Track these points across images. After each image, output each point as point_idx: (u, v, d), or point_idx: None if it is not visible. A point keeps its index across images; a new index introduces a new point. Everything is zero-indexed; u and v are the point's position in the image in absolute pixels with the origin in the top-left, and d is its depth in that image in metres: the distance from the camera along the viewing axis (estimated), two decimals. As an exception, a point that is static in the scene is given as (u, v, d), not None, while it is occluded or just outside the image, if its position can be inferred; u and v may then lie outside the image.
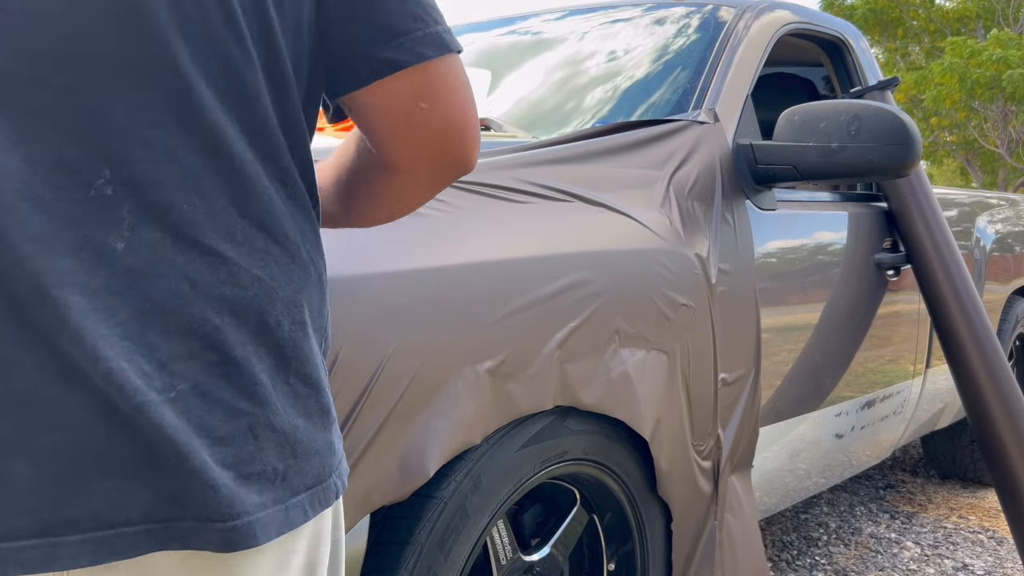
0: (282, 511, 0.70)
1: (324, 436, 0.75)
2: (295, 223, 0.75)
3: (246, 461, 0.69)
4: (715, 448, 1.74)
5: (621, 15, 2.53)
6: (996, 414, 2.40)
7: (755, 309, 1.85)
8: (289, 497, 0.71)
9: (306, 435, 0.73)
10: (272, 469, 0.70)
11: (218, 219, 0.69)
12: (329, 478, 0.75)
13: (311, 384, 0.74)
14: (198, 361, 0.68)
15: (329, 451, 0.75)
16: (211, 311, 0.68)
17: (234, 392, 0.69)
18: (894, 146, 1.91)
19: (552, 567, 1.55)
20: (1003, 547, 3.01)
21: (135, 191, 0.66)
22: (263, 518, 0.69)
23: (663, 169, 1.79)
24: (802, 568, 2.78)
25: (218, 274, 0.68)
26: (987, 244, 3.29)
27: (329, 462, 0.75)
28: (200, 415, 0.67)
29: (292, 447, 0.72)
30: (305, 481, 0.72)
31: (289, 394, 0.72)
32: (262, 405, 0.70)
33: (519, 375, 1.32)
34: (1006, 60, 13.84)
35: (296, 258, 0.74)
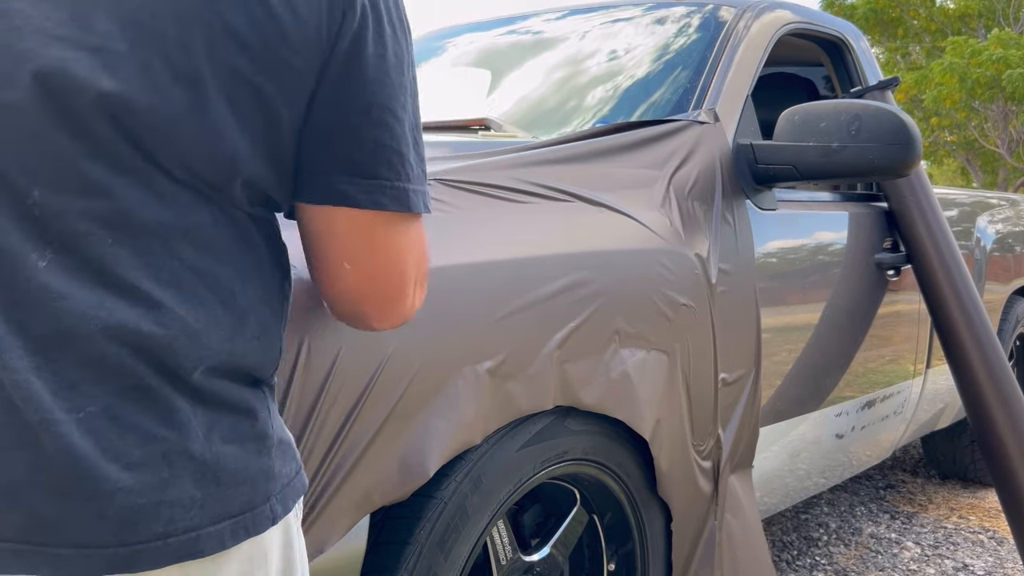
0: (191, 539, 0.69)
1: (258, 462, 0.74)
2: (238, 268, 0.73)
3: (157, 488, 0.68)
4: (715, 448, 1.74)
5: (621, 15, 2.53)
6: (996, 414, 2.40)
7: (755, 309, 1.85)
8: (206, 525, 0.70)
9: (234, 462, 0.72)
10: (188, 497, 0.69)
11: (147, 258, 0.69)
12: (263, 504, 0.74)
13: (241, 411, 0.74)
14: (110, 385, 0.67)
15: (264, 477, 0.74)
16: (125, 345, 0.67)
17: (149, 417, 0.68)
18: (894, 146, 1.91)
19: (552, 567, 1.55)
20: (1003, 547, 3.01)
21: (61, 217, 0.66)
22: (157, 547, 0.68)
23: (663, 169, 1.78)
24: (802, 568, 2.78)
25: (135, 310, 0.68)
26: (987, 244, 3.29)
27: (264, 488, 0.74)
28: (111, 439, 0.66)
29: (214, 475, 0.71)
30: (229, 509, 0.71)
31: (212, 421, 0.71)
32: (179, 431, 0.69)
33: (519, 375, 1.32)
34: (1006, 60, 13.84)
35: (228, 305, 0.73)
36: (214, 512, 0.71)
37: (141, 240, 0.68)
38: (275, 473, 0.76)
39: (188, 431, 0.69)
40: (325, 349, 1.08)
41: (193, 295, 0.71)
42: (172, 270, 0.70)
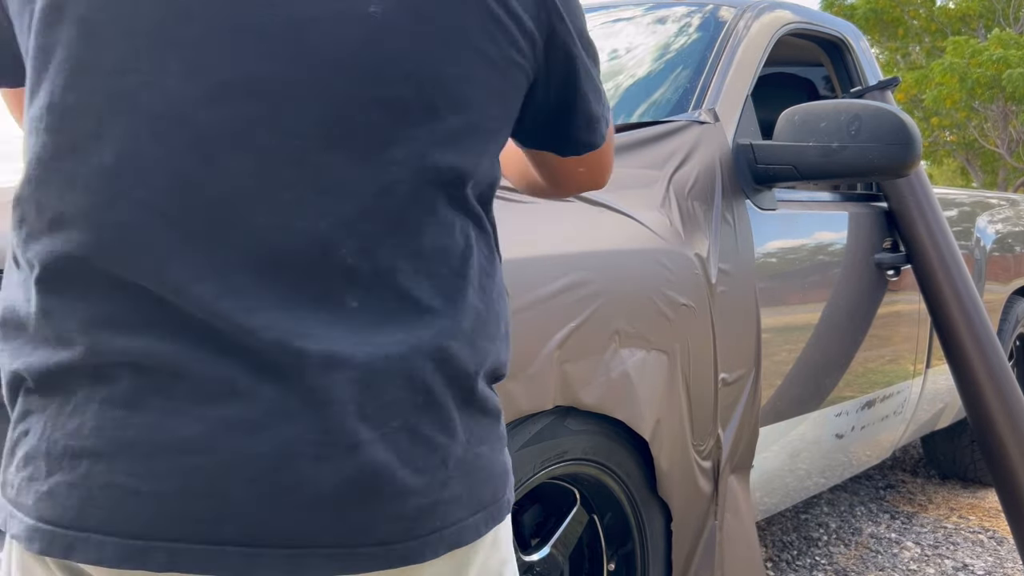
0: (457, 531, 0.79)
1: (500, 459, 0.84)
2: (487, 270, 0.84)
3: (436, 489, 0.77)
4: (715, 448, 1.74)
5: (621, 15, 2.53)
6: (996, 414, 2.40)
7: (755, 309, 1.85)
8: (466, 518, 0.80)
9: (485, 461, 0.82)
10: (456, 495, 0.78)
11: (435, 279, 0.77)
12: (503, 496, 0.85)
13: (492, 413, 0.83)
14: (411, 402, 0.76)
15: (502, 471, 0.85)
16: (428, 362, 0.76)
17: (435, 428, 0.77)
18: (894, 146, 1.91)
19: (552, 567, 1.55)
20: (1003, 547, 3.01)
21: (370, 258, 0.74)
22: (434, 540, 0.77)
23: (663, 169, 1.78)
24: (802, 568, 2.78)
25: (433, 329, 0.77)
26: (987, 244, 3.29)
27: (503, 481, 0.85)
28: (406, 450, 0.75)
29: (473, 473, 0.80)
30: (481, 502, 0.81)
31: (473, 425, 0.81)
32: (452, 437, 0.78)
33: (519, 375, 1.32)
34: (1006, 60, 13.84)
35: (490, 309, 0.83)
36: (471, 506, 0.80)
37: (432, 263, 0.77)
38: (508, 467, 0.86)
39: (457, 436, 0.78)
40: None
41: (468, 305, 0.79)
42: (454, 285, 0.78)
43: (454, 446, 0.78)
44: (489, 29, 0.78)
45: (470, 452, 0.79)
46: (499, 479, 0.84)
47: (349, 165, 0.72)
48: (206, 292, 0.69)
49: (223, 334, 0.70)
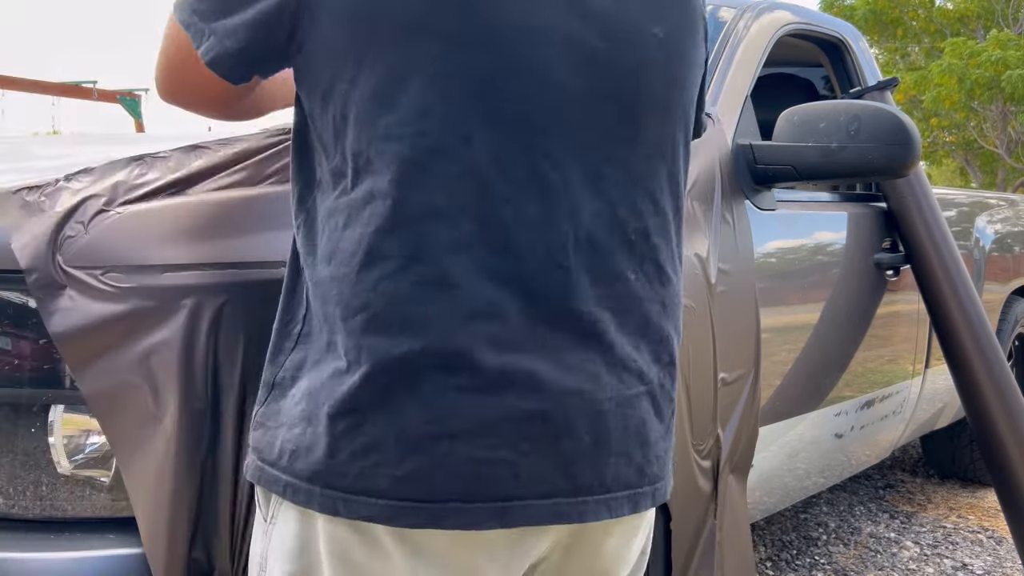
0: (662, 487, 0.93)
1: (667, 444, 0.95)
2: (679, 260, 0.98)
3: (665, 446, 0.93)
4: (715, 448, 1.74)
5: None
6: (995, 414, 2.40)
7: (755, 309, 1.85)
8: (663, 478, 0.93)
9: (663, 442, 0.93)
10: (666, 455, 0.93)
11: (673, 254, 0.94)
12: (663, 478, 0.94)
13: (671, 394, 0.95)
14: (662, 363, 0.92)
15: (667, 456, 0.95)
16: (671, 326, 0.93)
17: (672, 390, 0.93)
18: (894, 146, 1.91)
19: (552, 566, 1.55)
20: (1002, 547, 3.02)
21: (646, 236, 0.90)
22: (659, 488, 0.93)
23: (663, 169, 1.79)
24: (802, 568, 2.78)
25: (675, 300, 0.93)
26: (986, 244, 3.29)
27: (664, 464, 0.94)
28: (661, 405, 0.91)
29: (669, 445, 0.94)
30: (665, 471, 0.94)
31: (671, 413, 0.95)
32: (673, 403, 0.94)
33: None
34: (1005, 61, 13.85)
35: (678, 288, 0.97)
36: (664, 471, 0.93)
37: (671, 239, 0.94)
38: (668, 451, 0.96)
39: (674, 404, 0.95)
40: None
41: (677, 281, 0.95)
42: (675, 257, 0.95)
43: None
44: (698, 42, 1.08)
45: (661, 432, 0.93)
46: (660, 458, 0.95)
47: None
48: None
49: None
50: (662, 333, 0.91)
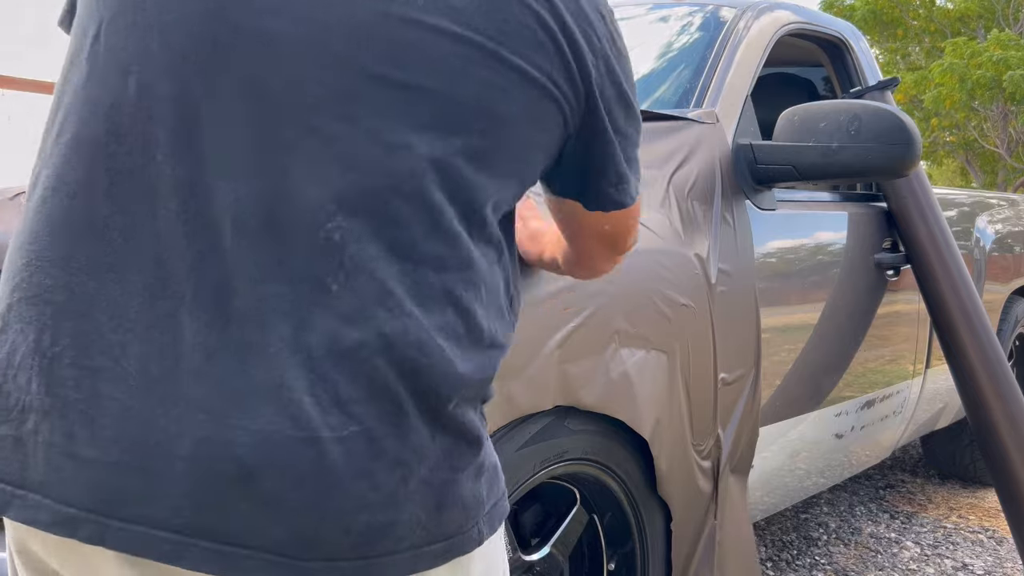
0: (411, 557, 0.74)
1: (473, 487, 0.79)
2: (496, 295, 0.81)
3: (393, 508, 0.72)
4: (715, 448, 1.74)
5: (622, 14, 2.53)
6: (996, 414, 2.40)
7: (755, 309, 1.85)
8: (423, 545, 0.75)
9: (455, 487, 0.77)
10: (415, 518, 0.74)
11: (419, 287, 0.73)
12: (472, 527, 0.79)
13: (472, 440, 0.78)
14: (374, 407, 0.71)
15: (475, 502, 0.79)
16: (393, 368, 0.71)
17: (398, 442, 0.72)
18: (894, 146, 1.91)
19: (552, 567, 1.55)
20: (1003, 547, 3.01)
21: (358, 240, 0.71)
22: (384, 563, 0.73)
23: (663, 169, 1.79)
24: (802, 568, 2.78)
25: (407, 336, 0.72)
26: (987, 244, 3.29)
27: (474, 512, 0.79)
28: (364, 459, 0.70)
29: (438, 499, 0.75)
30: (444, 531, 0.76)
31: (448, 449, 0.76)
32: (419, 456, 0.74)
33: (519, 375, 1.32)
34: (1006, 61, 13.84)
35: (472, 331, 0.77)
36: (432, 533, 0.75)
37: (418, 267, 0.73)
38: (484, 497, 0.80)
39: (426, 457, 0.74)
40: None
41: (445, 322, 0.75)
42: (435, 295, 0.74)
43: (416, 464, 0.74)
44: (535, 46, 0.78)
45: (437, 475, 0.75)
46: (470, 510, 0.78)
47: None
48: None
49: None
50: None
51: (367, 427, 0.70)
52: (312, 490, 0.69)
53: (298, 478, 0.68)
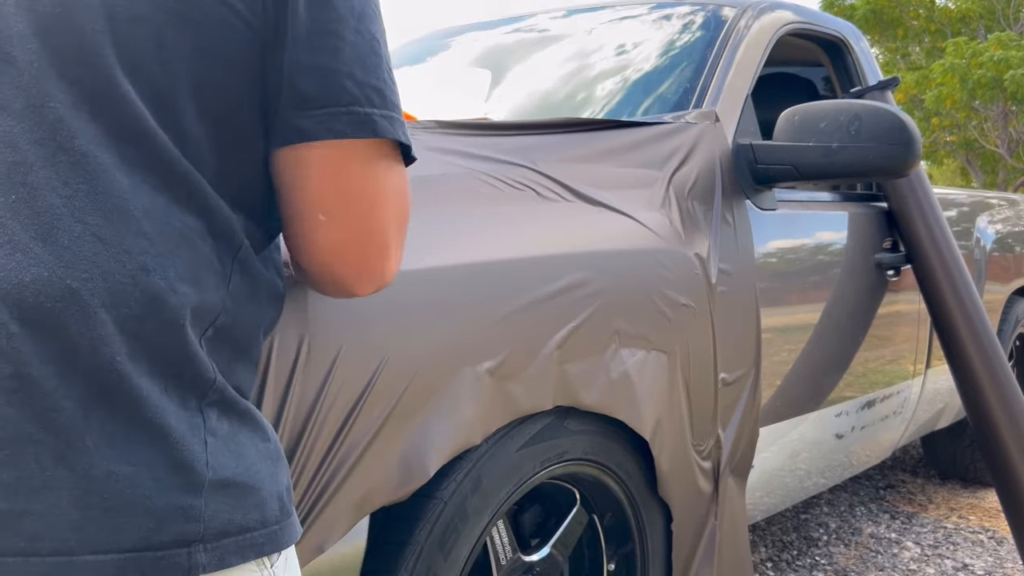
0: (64, 564, 0.61)
1: (171, 497, 0.64)
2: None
3: (24, 494, 0.60)
4: (715, 448, 1.74)
5: (621, 14, 2.53)
6: (996, 414, 2.40)
7: (755, 309, 1.85)
8: (84, 552, 0.61)
9: (132, 488, 0.62)
10: (63, 516, 0.61)
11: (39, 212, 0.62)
12: (168, 548, 0.63)
13: (152, 431, 0.64)
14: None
15: (179, 516, 0.64)
16: (10, 315, 0.60)
17: (22, 413, 0.60)
18: (894, 146, 1.91)
19: (552, 567, 1.55)
20: (1003, 547, 3.01)
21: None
22: (12, 564, 0.60)
23: (663, 169, 1.78)
24: (802, 568, 2.78)
25: (23, 273, 0.61)
26: (987, 244, 3.29)
27: (176, 529, 0.64)
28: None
29: (101, 497, 0.61)
30: (118, 541, 0.62)
31: (111, 434, 0.62)
32: (58, 435, 0.61)
33: (519, 375, 1.32)
34: (1007, 61, 13.85)
35: (137, 280, 0.65)
36: (95, 540, 0.62)
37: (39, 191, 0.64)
38: (200, 515, 0.65)
39: (69, 437, 0.61)
40: (325, 349, 1.08)
41: (95, 257, 0.65)
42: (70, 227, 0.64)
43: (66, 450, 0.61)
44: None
45: (98, 467, 0.61)
46: (157, 518, 0.63)
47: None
48: None
49: None
50: None
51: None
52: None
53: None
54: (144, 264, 0.65)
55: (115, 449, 0.62)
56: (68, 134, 0.64)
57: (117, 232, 0.64)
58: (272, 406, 1.04)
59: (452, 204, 1.36)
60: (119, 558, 0.62)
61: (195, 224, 0.70)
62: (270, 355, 1.03)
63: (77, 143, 0.64)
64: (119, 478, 0.62)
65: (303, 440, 1.07)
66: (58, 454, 0.60)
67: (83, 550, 0.61)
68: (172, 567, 0.63)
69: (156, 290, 0.65)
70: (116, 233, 0.64)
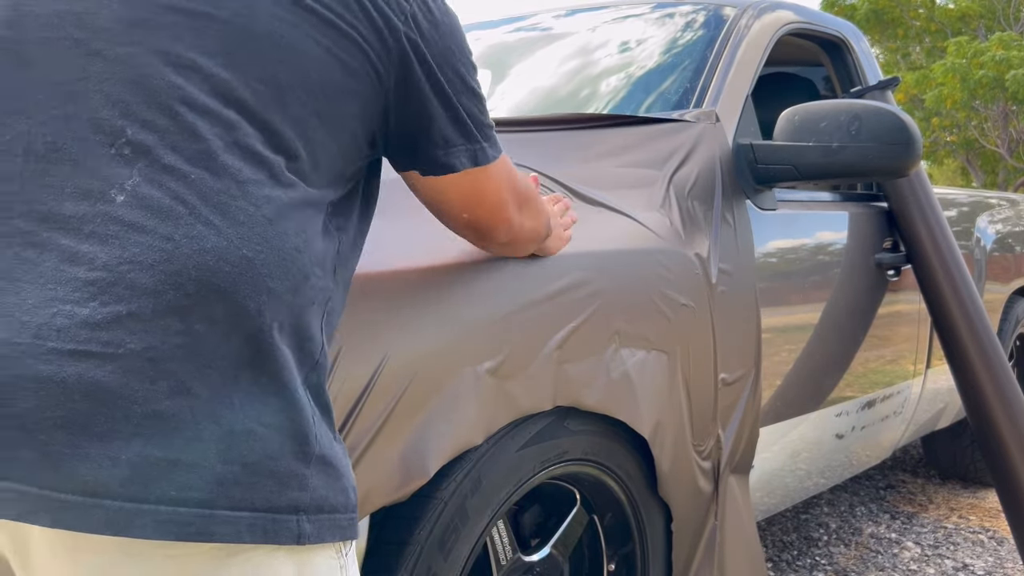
0: (205, 517, 0.66)
1: (290, 463, 0.70)
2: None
3: (178, 444, 0.66)
4: (715, 448, 1.74)
5: (621, 14, 2.53)
6: (996, 414, 2.40)
7: (755, 309, 1.85)
8: (223, 507, 0.66)
9: (264, 448, 0.69)
10: (210, 468, 0.66)
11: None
12: (284, 512, 0.69)
13: (284, 397, 0.72)
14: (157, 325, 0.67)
15: (295, 483, 0.70)
16: (186, 276, 0.68)
17: (184, 367, 0.67)
18: (894, 146, 1.91)
19: (552, 567, 1.55)
20: (1003, 547, 3.01)
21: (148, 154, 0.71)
22: (164, 513, 0.65)
23: (663, 169, 1.78)
24: (802, 568, 2.78)
25: (204, 241, 0.70)
26: (987, 244, 3.29)
27: (292, 495, 0.69)
28: (143, 377, 0.65)
29: (240, 452, 0.67)
30: (251, 499, 0.67)
31: (253, 395, 0.70)
32: (212, 390, 0.67)
33: (519, 375, 1.32)
34: (1008, 61, 13.85)
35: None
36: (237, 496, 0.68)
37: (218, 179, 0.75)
38: (309, 485, 0.72)
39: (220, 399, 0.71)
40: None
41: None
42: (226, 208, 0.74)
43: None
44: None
45: (240, 424, 0.68)
46: (280, 482, 0.69)
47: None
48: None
49: None
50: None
51: (149, 345, 0.67)
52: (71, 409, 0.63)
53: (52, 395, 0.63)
54: (297, 245, 0.75)
55: (255, 410, 0.68)
56: (244, 132, 0.75)
57: (280, 216, 0.74)
58: (272, 406, 1.03)
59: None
60: (251, 516, 0.67)
61: (318, 215, 0.81)
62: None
63: (251, 142, 0.75)
64: (257, 437, 0.68)
65: (303, 440, 1.07)
66: (210, 409, 0.66)
67: (222, 504, 0.66)
68: (286, 532, 0.68)
69: (305, 269, 0.75)
70: (280, 217, 0.74)
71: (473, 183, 0.98)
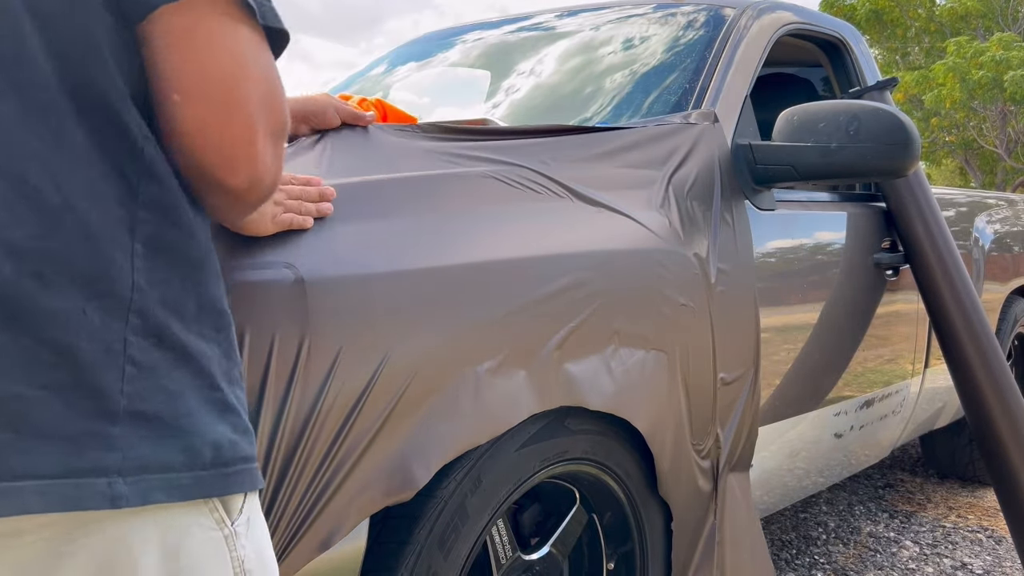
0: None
1: (84, 423, 0.63)
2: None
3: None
4: (714, 447, 1.75)
5: (620, 15, 2.53)
6: (995, 413, 2.41)
7: (754, 309, 1.86)
8: (5, 479, 0.61)
9: (41, 411, 0.62)
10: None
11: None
12: (87, 476, 0.63)
13: (61, 352, 0.63)
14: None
15: (96, 443, 0.63)
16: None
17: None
18: (893, 146, 1.91)
19: (552, 566, 1.55)
20: (1002, 546, 3.02)
21: None
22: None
23: (662, 169, 1.79)
24: (801, 567, 2.79)
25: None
26: (986, 244, 3.29)
27: (95, 456, 0.63)
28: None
29: (8, 419, 0.61)
30: (34, 466, 0.61)
31: (15, 356, 0.62)
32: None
33: (519, 375, 1.33)
34: (1007, 62, 13.86)
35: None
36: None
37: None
38: (113, 443, 0.65)
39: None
40: (325, 349, 1.08)
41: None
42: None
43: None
44: None
45: (4, 389, 0.61)
46: (75, 444, 0.63)
47: None
48: None
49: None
50: None
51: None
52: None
53: None
54: (37, 185, 0.63)
55: (22, 371, 0.61)
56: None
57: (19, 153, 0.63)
58: (272, 406, 1.04)
59: (452, 205, 1.36)
60: (37, 484, 0.61)
61: (89, 139, 0.66)
62: (270, 355, 1.04)
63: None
64: (27, 400, 0.61)
65: (304, 440, 1.07)
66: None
67: (4, 476, 0.60)
68: (94, 495, 0.63)
69: (55, 204, 0.63)
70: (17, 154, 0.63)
71: (194, 30, 0.67)
